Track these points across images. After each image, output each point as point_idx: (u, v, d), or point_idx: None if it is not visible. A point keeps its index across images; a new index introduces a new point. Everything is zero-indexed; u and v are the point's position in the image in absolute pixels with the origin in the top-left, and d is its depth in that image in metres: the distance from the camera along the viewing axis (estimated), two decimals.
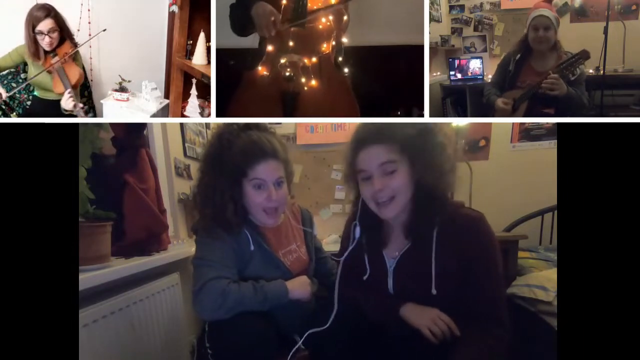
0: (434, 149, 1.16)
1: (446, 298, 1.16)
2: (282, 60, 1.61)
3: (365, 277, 1.29)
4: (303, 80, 1.62)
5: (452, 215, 1.18)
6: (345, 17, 1.63)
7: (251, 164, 1.26)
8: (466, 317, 1.13)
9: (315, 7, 1.56)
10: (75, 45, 1.75)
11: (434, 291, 1.16)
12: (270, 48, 1.60)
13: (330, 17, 1.59)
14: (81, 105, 1.70)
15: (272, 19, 1.48)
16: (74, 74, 1.71)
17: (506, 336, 1.13)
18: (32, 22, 1.64)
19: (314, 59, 1.61)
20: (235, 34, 1.60)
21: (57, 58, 1.68)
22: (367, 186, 1.19)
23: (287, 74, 1.60)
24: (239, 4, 1.59)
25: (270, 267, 1.34)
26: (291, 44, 1.59)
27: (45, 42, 1.66)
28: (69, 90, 1.68)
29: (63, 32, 1.71)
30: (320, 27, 1.59)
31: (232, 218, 1.28)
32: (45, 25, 1.64)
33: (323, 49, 1.62)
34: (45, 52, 1.69)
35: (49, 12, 1.65)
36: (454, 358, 1.07)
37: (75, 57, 1.75)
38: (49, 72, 1.71)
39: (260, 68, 1.63)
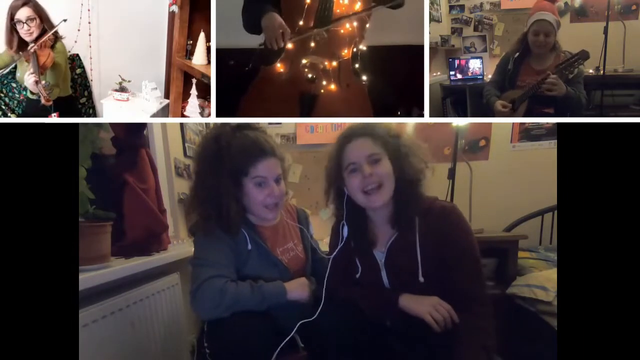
0: (404, 150, 1.27)
1: (432, 284, 1.22)
2: (304, 61, 1.61)
3: (357, 275, 1.33)
4: (323, 83, 1.62)
5: (429, 206, 1.27)
6: (367, 25, 1.63)
7: (253, 163, 1.29)
8: (449, 299, 1.18)
9: (338, 11, 1.57)
10: (54, 34, 1.71)
11: (421, 279, 1.22)
12: (290, 46, 1.60)
13: (355, 24, 1.59)
14: (44, 82, 1.66)
15: (281, 31, 1.51)
16: (44, 57, 1.67)
17: (489, 311, 1.19)
18: (10, 11, 1.63)
19: (334, 63, 1.62)
20: (247, 32, 1.62)
21: (32, 44, 1.65)
22: (355, 177, 1.25)
23: (310, 75, 1.60)
24: (252, 6, 1.59)
25: (268, 265, 1.34)
26: (312, 44, 1.59)
27: (24, 31, 1.64)
28: (32, 70, 1.64)
29: (43, 21, 1.68)
30: (343, 31, 1.60)
31: (234, 217, 1.29)
32: (23, 13, 1.63)
33: (344, 54, 1.62)
34: (26, 44, 1.67)
35: (27, 0, 1.64)
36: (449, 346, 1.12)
37: (54, 47, 1.71)
38: (27, 62, 1.68)
39: (278, 65, 1.62)
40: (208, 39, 1.83)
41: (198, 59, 1.88)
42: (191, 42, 1.92)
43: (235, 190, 1.30)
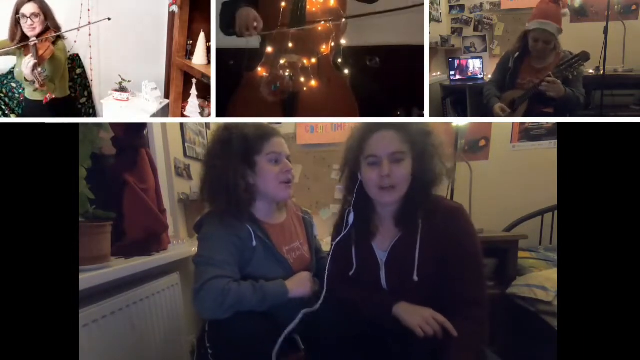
0: (430, 150, 1.25)
1: (429, 284, 1.20)
2: (282, 61, 1.62)
3: (351, 273, 1.31)
4: (302, 80, 1.63)
5: (435, 206, 1.25)
6: (343, 19, 1.64)
7: (268, 139, 1.35)
8: (447, 300, 1.17)
9: (314, 9, 1.59)
10: (57, 30, 1.73)
11: (415, 278, 1.20)
12: (269, 49, 1.61)
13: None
14: (40, 69, 1.66)
15: (255, 24, 1.54)
16: (43, 49, 1.68)
17: (486, 315, 1.17)
18: (16, 6, 1.66)
19: (313, 60, 1.63)
20: (222, 32, 1.64)
21: (33, 39, 1.67)
22: (373, 171, 1.23)
23: (287, 74, 1.61)
24: (230, 4, 1.61)
25: (272, 263, 1.34)
26: (290, 45, 1.61)
27: (27, 26, 1.66)
28: (30, 55, 1.65)
29: (47, 19, 1.70)
30: (320, 28, 1.61)
31: (242, 198, 1.32)
32: (28, 8, 1.65)
33: (322, 50, 1.64)
34: (27, 39, 1.68)
35: None
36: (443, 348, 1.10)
37: (56, 45, 1.72)
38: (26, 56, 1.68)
39: (260, 69, 1.64)
40: (208, 39, 1.83)
41: (198, 59, 1.88)
42: (191, 42, 1.92)
43: (248, 171, 1.33)
